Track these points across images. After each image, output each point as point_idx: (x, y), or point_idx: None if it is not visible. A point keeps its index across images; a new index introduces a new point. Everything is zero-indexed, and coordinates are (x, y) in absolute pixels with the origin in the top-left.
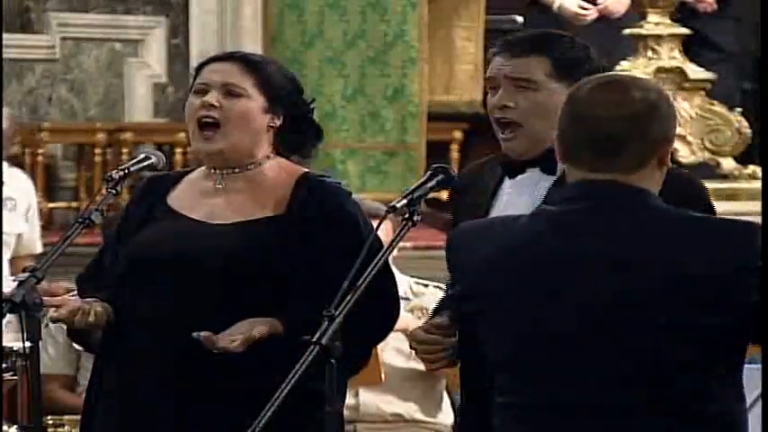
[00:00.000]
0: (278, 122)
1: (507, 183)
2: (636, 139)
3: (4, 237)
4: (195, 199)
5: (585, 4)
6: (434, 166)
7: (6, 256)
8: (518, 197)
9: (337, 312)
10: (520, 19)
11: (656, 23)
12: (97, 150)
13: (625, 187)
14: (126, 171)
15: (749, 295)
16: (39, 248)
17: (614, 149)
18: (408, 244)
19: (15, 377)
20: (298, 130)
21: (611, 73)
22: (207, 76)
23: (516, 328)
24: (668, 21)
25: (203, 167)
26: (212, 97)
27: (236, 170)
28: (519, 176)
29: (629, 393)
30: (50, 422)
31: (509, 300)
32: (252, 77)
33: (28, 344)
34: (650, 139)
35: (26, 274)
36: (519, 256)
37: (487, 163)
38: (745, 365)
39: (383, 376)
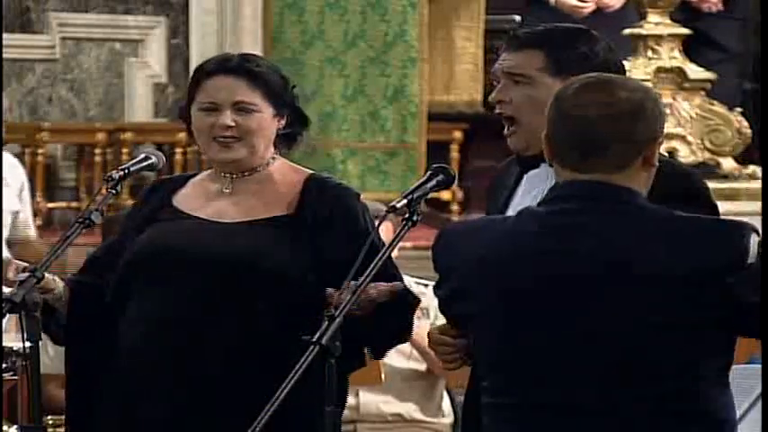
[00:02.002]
0: (283, 123)
1: (524, 178)
2: (620, 139)
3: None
4: (202, 200)
5: None
6: (434, 166)
7: (5, 233)
8: (529, 193)
9: (337, 312)
10: (519, 19)
11: (656, 23)
12: (97, 150)
13: (611, 187)
14: (126, 171)
15: (736, 295)
16: (33, 233)
17: (599, 150)
18: (408, 244)
19: (15, 377)
20: (292, 122)
21: (598, 73)
22: (215, 94)
23: (505, 328)
24: (668, 21)
25: (209, 171)
26: (227, 117)
27: (247, 174)
28: (532, 171)
29: (617, 393)
30: (50, 422)
31: (498, 300)
32: (259, 90)
33: (28, 344)
34: (635, 139)
35: (26, 274)
36: (507, 256)
37: (512, 161)
38: (745, 365)
39: (383, 376)
